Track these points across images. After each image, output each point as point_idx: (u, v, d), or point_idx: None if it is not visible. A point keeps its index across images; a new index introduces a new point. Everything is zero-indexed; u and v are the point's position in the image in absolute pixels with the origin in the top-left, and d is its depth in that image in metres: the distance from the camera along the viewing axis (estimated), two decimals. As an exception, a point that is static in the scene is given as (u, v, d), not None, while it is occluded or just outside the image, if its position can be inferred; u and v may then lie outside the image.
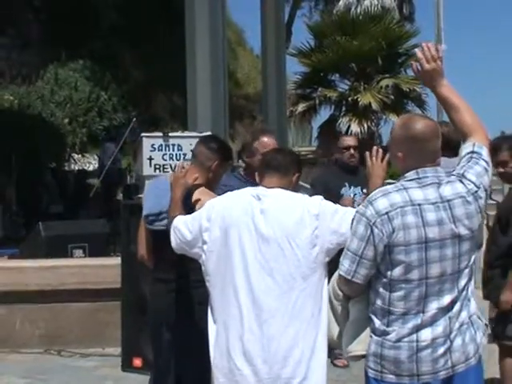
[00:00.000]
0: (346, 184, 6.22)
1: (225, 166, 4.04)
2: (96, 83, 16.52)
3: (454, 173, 2.96)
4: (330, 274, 3.26)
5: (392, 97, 17.63)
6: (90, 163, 16.88)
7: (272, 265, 3.16)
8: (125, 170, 13.77)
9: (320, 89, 18.05)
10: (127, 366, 6.11)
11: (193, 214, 3.42)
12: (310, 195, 3.41)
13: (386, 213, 2.83)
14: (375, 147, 3.53)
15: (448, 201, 2.87)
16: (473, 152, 2.99)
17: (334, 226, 3.19)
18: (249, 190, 3.35)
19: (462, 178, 2.93)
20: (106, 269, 6.79)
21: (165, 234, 3.77)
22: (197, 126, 7.81)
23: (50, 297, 6.94)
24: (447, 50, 19.45)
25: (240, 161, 4.87)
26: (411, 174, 2.91)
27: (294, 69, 19.15)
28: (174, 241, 3.42)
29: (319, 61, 17.89)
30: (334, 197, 5.02)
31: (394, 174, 4.64)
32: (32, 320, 7.01)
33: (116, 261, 6.49)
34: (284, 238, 3.17)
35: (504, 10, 75.96)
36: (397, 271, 2.85)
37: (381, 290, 2.89)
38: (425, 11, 54.67)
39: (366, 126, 17.41)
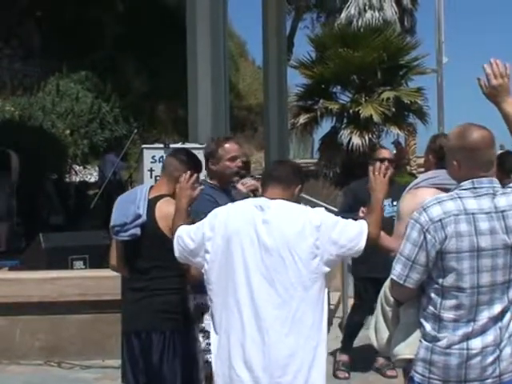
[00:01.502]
0: None
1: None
2: (97, 94, 16.54)
3: (510, 185, 3.02)
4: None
5: (393, 109, 17.63)
6: (92, 175, 16.88)
7: (273, 274, 3.20)
8: (126, 182, 13.77)
9: (321, 101, 18.06)
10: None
11: (196, 224, 3.44)
12: (341, 203, 3.45)
13: (440, 220, 2.90)
14: (378, 163, 3.57)
15: (502, 211, 2.92)
16: None
17: (335, 237, 3.23)
18: (251, 201, 3.40)
19: None
20: (107, 280, 6.76)
21: (133, 244, 3.91)
22: (198, 138, 7.81)
23: (50, 308, 6.92)
24: (448, 62, 19.50)
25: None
26: (467, 184, 2.97)
27: (296, 81, 19.18)
28: (177, 250, 3.44)
29: (321, 73, 17.91)
30: (363, 206, 5.12)
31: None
32: (32, 331, 6.99)
33: (116, 272, 6.47)
34: (285, 248, 3.20)
35: (505, 23, 76.17)
36: (449, 278, 2.90)
37: (433, 295, 2.94)
38: (426, 24, 54.86)
39: (367, 138, 17.40)
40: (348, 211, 5.11)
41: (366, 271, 5.95)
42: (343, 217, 3.47)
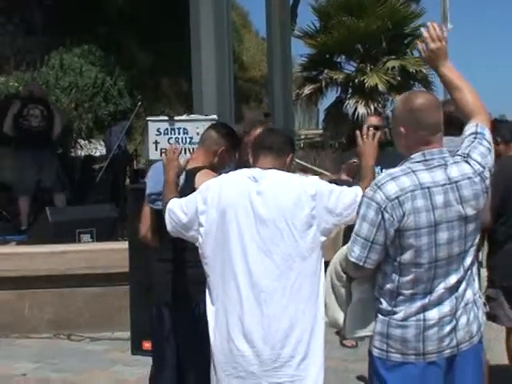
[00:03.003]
0: None
1: (231, 154, 4.02)
2: (101, 68, 16.48)
3: (458, 153, 2.96)
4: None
5: (398, 78, 17.56)
6: (97, 149, 16.85)
7: (270, 246, 3.16)
8: (131, 155, 13.75)
9: (326, 71, 17.99)
10: (137, 349, 6.11)
11: (188, 197, 3.41)
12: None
13: (397, 197, 2.83)
14: (365, 126, 3.53)
15: (456, 182, 2.87)
16: (476, 133, 3.00)
17: (330, 206, 3.19)
18: (244, 172, 3.33)
19: (467, 158, 2.93)
20: (114, 253, 6.80)
21: None
22: (202, 110, 7.79)
23: (59, 282, 6.97)
24: (453, 29, 19.36)
25: None
26: (417, 156, 2.91)
27: (300, 51, 19.11)
28: (169, 224, 3.41)
29: (325, 42, 17.82)
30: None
31: None
32: (41, 305, 7.04)
33: (124, 245, 6.49)
34: (281, 218, 3.16)
35: (510, -10, 75.38)
36: (407, 255, 2.85)
37: (390, 273, 2.90)
38: (431, -9, 54.45)
39: (372, 107, 17.35)
40: None
41: None
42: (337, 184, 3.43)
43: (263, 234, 3.17)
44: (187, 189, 3.79)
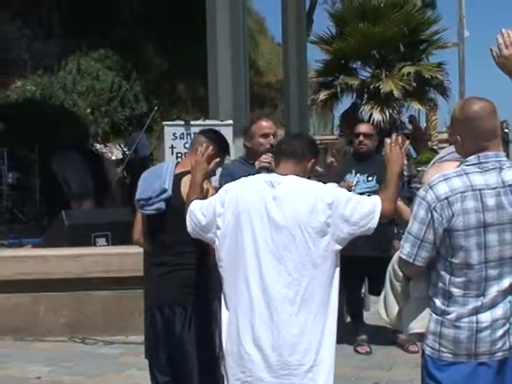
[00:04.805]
0: (353, 170, 6.26)
1: (220, 159, 4.05)
2: (118, 72, 16.55)
3: None
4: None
5: (414, 84, 17.50)
6: (112, 153, 16.92)
7: (283, 252, 3.15)
8: (147, 159, 13.80)
9: (341, 76, 17.95)
10: (150, 353, 6.13)
11: (208, 199, 3.42)
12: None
13: (446, 198, 2.89)
14: (395, 134, 3.52)
15: (510, 185, 2.91)
16: None
17: (347, 214, 3.16)
18: (262, 177, 3.33)
19: None
20: (129, 257, 6.82)
21: (158, 219, 3.92)
22: (218, 115, 7.82)
23: (74, 285, 7.00)
24: (469, 36, 19.30)
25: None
26: (472, 159, 2.95)
27: (316, 57, 19.10)
28: (190, 225, 3.42)
29: (341, 48, 17.79)
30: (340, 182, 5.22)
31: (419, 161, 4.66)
32: (56, 308, 7.07)
33: (139, 249, 6.46)
34: (295, 225, 3.14)
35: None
36: (457, 256, 2.90)
37: (442, 272, 2.95)
38: (447, -3, 54.24)
39: (387, 113, 17.29)
40: None
41: (349, 250, 5.89)
42: None
43: (277, 239, 3.16)
44: (173, 192, 3.88)
